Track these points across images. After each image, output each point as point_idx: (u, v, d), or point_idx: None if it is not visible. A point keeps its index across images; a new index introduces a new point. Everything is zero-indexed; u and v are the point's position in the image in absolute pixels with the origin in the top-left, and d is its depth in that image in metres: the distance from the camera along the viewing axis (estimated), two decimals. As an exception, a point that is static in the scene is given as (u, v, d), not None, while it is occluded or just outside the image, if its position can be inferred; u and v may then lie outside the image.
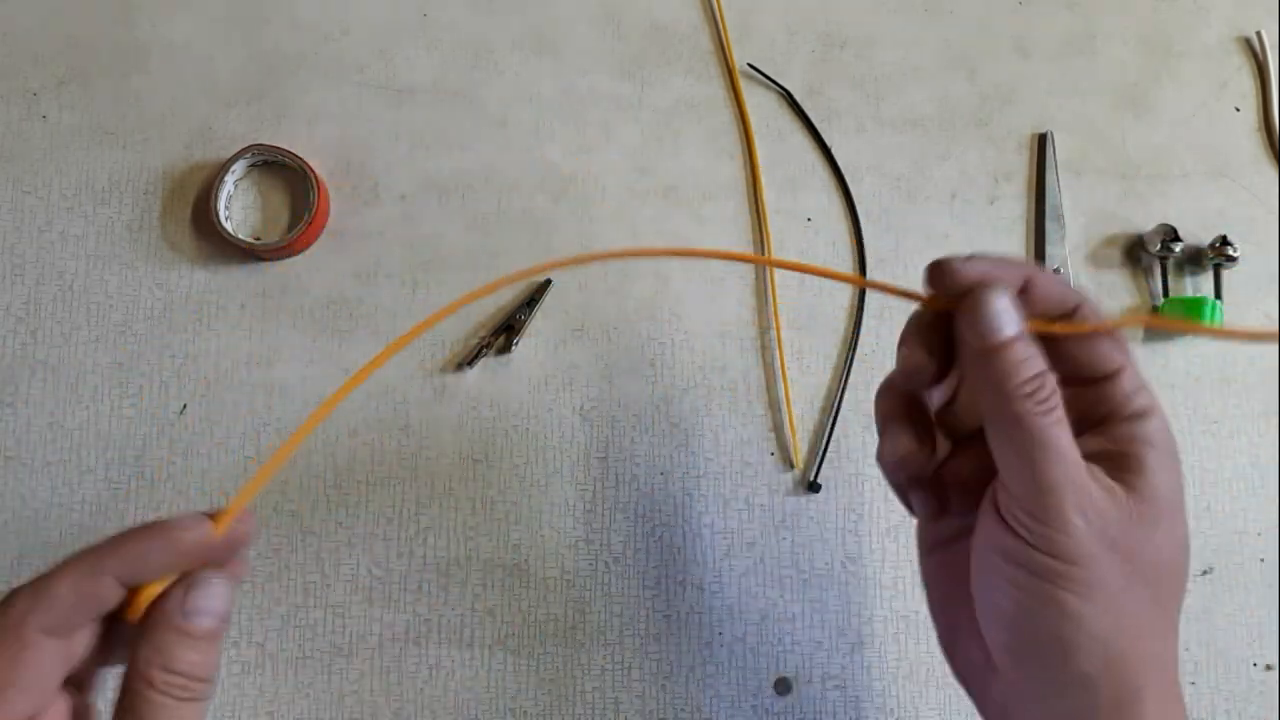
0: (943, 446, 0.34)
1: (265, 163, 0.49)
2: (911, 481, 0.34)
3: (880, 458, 0.33)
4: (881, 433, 0.33)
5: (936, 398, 0.34)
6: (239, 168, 0.48)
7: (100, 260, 0.48)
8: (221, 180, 0.47)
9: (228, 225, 0.47)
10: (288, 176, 0.49)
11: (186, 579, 0.28)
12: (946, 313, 0.31)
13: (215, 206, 0.47)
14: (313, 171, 0.48)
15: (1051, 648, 0.28)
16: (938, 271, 0.30)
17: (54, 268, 0.48)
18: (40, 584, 0.27)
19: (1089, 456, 0.29)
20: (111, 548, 0.27)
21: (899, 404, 0.33)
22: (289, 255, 0.48)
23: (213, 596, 0.28)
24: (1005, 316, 0.29)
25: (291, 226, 0.48)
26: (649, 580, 0.47)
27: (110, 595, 0.27)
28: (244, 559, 0.30)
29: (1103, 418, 0.30)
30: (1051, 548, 0.28)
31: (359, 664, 0.45)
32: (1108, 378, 0.31)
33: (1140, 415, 0.30)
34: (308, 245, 0.48)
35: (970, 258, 0.30)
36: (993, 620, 0.30)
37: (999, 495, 0.29)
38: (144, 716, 0.27)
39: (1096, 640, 0.28)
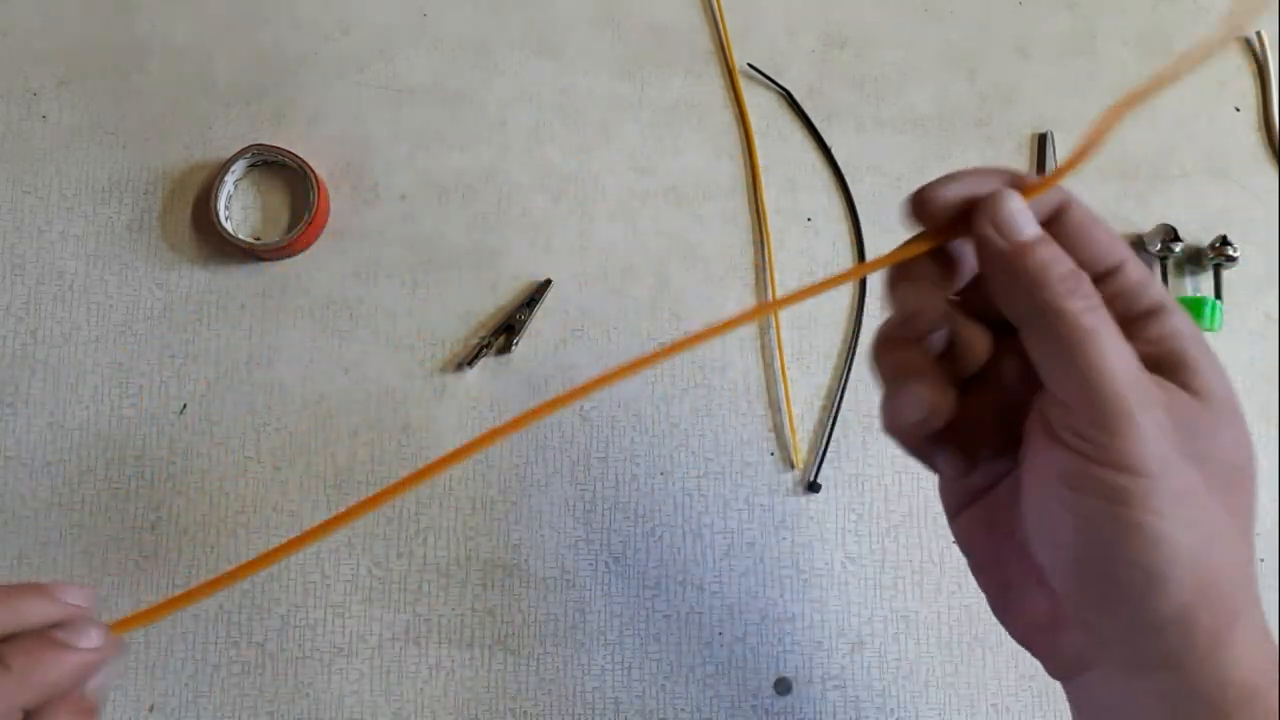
0: (951, 394, 0.30)
1: (265, 163, 0.49)
2: (932, 439, 0.30)
3: (895, 420, 0.29)
4: (891, 393, 0.29)
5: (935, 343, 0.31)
6: (239, 168, 0.48)
7: (100, 260, 0.48)
8: (221, 180, 0.47)
9: (228, 225, 0.47)
10: (288, 176, 0.49)
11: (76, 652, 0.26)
12: (936, 249, 0.29)
13: (215, 206, 0.47)
14: (313, 171, 0.48)
15: (1137, 582, 0.24)
16: (923, 201, 0.28)
17: (54, 268, 0.48)
18: None
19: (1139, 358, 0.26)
20: (18, 679, 0.25)
21: (905, 355, 0.30)
22: (289, 255, 0.48)
23: (112, 673, 0.28)
24: (1023, 216, 0.26)
25: (291, 226, 0.48)
26: (649, 580, 0.46)
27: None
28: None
29: (1123, 314, 0.27)
30: (1123, 460, 0.24)
31: (359, 664, 0.45)
32: (1112, 271, 0.28)
33: (1161, 309, 0.27)
34: (308, 245, 0.48)
35: (949, 177, 0.28)
36: (1061, 563, 0.26)
37: (1051, 414, 0.26)
38: None
39: (1186, 565, 0.24)
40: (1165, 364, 0.26)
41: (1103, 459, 0.24)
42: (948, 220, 0.28)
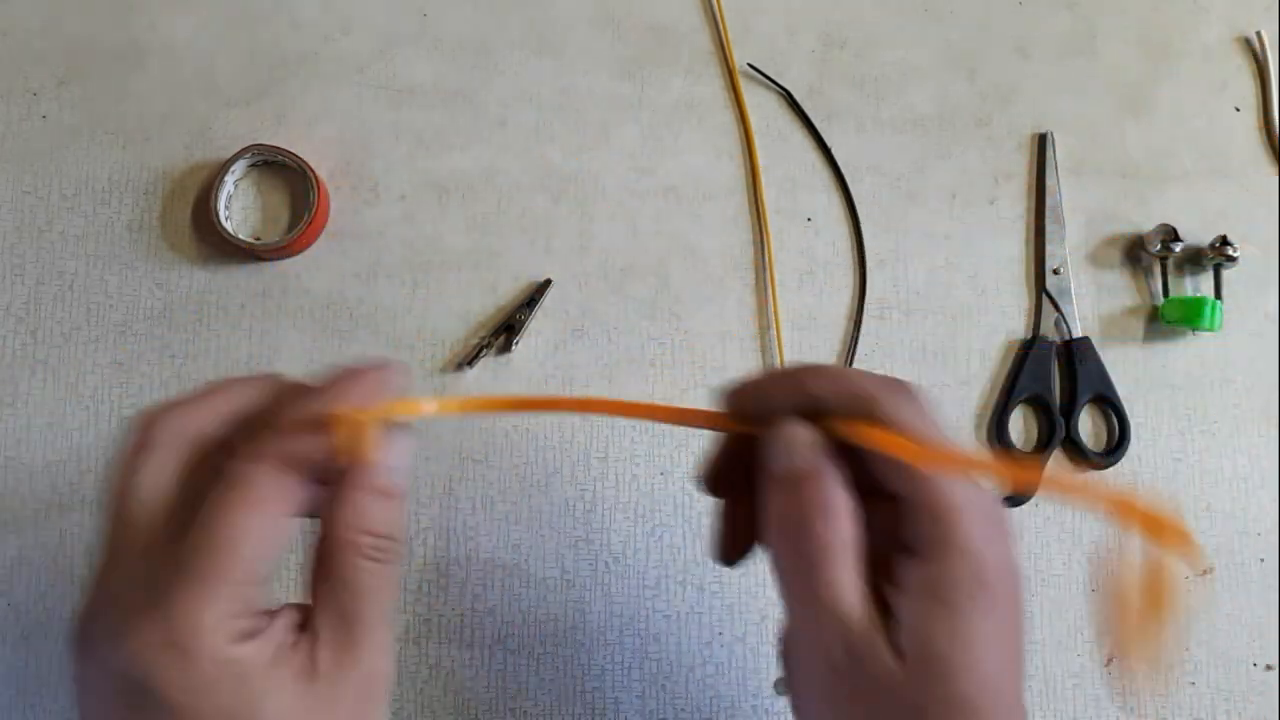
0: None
1: (265, 163, 0.49)
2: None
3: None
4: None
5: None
6: (239, 168, 0.48)
7: (100, 260, 0.48)
8: (221, 180, 0.47)
9: (228, 225, 0.47)
10: (288, 176, 0.49)
11: (378, 438, 0.27)
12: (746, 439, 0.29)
13: (215, 206, 0.47)
14: (312, 171, 0.48)
15: None
16: (731, 399, 0.29)
17: (54, 268, 0.48)
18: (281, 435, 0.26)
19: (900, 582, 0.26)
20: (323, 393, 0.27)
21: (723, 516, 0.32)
22: (289, 255, 0.48)
23: (404, 453, 0.28)
24: (796, 446, 0.27)
25: (291, 226, 0.48)
26: (649, 580, 0.47)
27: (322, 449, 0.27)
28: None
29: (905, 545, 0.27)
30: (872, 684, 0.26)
31: (359, 664, 0.45)
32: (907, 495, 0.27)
33: (939, 543, 0.26)
34: (308, 245, 0.48)
35: (749, 382, 0.29)
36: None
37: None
38: (350, 582, 0.26)
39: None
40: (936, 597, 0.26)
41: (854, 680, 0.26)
42: (753, 418, 0.29)
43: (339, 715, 0.25)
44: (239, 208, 0.49)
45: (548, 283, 0.48)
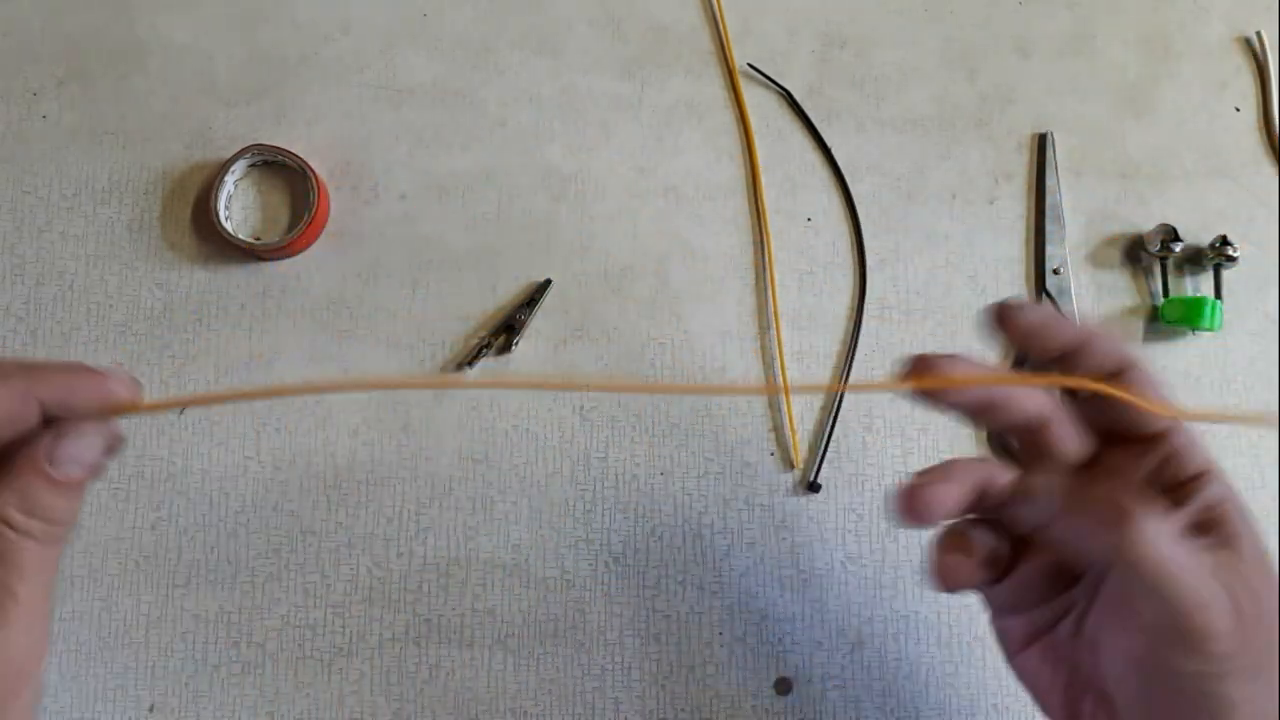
0: (1004, 545, 0.32)
1: (265, 163, 0.49)
2: (988, 582, 0.32)
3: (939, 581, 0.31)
4: (936, 561, 0.31)
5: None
6: (239, 168, 0.48)
7: (100, 260, 0.48)
8: (221, 180, 0.47)
9: (228, 225, 0.47)
10: (288, 176, 0.49)
11: (59, 426, 0.27)
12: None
13: (215, 206, 0.47)
14: (313, 171, 0.48)
15: None
16: (1009, 318, 0.30)
17: (54, 268, 0.48)
18: None
19: (1186, 530, 0.28)
20: (48, 375, 0.27)
21: (953, 561, 0.31)
22: (289, 255, 0.48)
23: (86, 447, 0.27)
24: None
25: (291, 226, 0.48)
26: (649, 580, 0.46)
27: (29, 418, 0.27)
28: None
29: (1172, 477, 0.30)
30: (1200, 652, 0.27)
31: (359, 664, 0.45)
32: (1162, 436, 0.30)
33: (1207, 474, 0.30)
34: (308, 245, 0.48)
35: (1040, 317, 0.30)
36: (1134, 705, 0.29)
37: (1123, 601, 0.28)
38: (4, 556, 0.27)
39: (1249, 712, 0.27)
40: (1212, 528, 0.29)
41: (1185, 649, 0.27)
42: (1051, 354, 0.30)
43: None
44: (239, 208, 0.49)
45: (548, 283, 0.48)
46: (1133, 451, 0.30)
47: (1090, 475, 0.30)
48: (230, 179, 0.48)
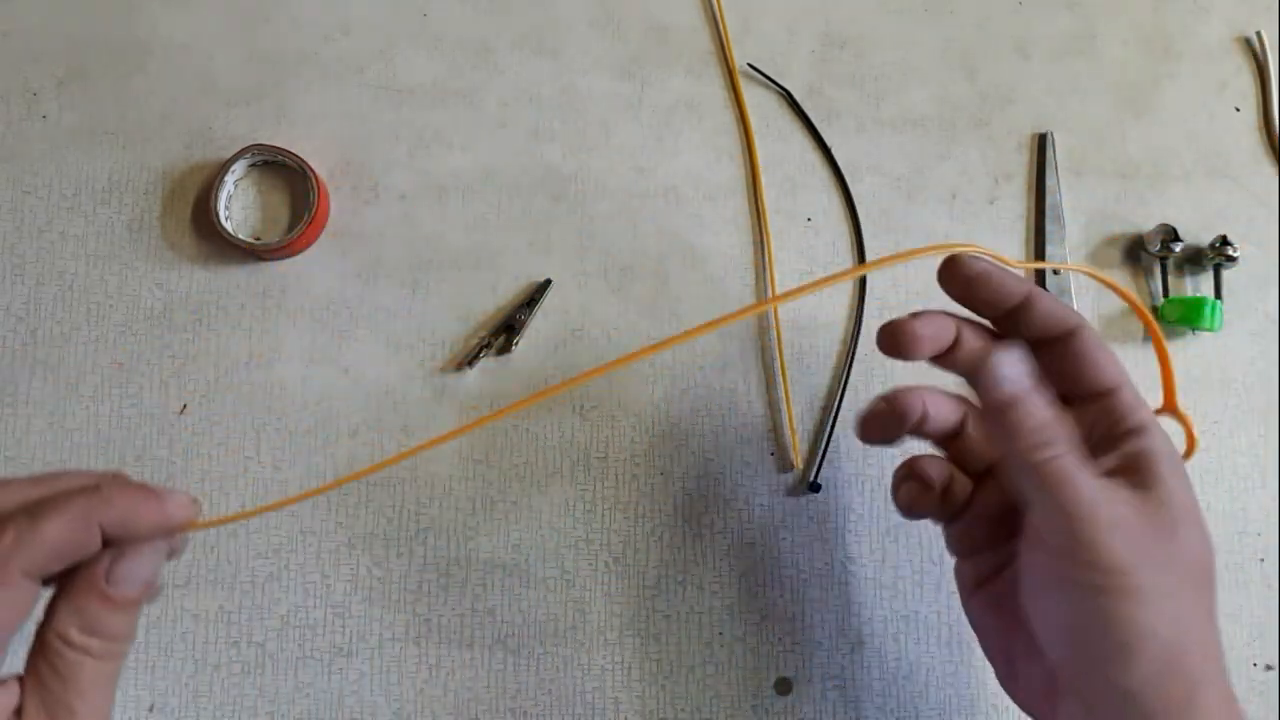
0: (964, 483, 0.37)
1: (265, 163, 0.49)
2: (946, 522, 0.38)
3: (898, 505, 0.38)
4: (895, 486, 0.38)
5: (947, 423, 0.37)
6: (239, 168, 0.48)
7: (100, 260, 0.48)
8: (221, 180, 0.47)
9: (228, 225, 0.47)
10: (288, 176, 0.49)
11: (118, 547, 0.28)
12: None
13: (215, 207, 0.47)
14: (313, 171, 0.48)
15: (1116, 655, 0.30)
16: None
17: (54, 268, 0.48)
18: (30, 524, 0.26)
19: (1108, 473, 0.31)
20: (107, 499, 0.27)
21: (912, 490, 0.37)
22: (289, 255, 0.48)
23: (142, 565, 0.28)
24: (1010, 373, 0.32)
25: (291, 226, 0.48)
26: (649, 580, 0.46)
27: (92, 545, 0.27)
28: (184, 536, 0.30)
29: (1109, 432, 0.33)
30: (1095, 567, 0.29)
31: (359, 664, 0.45)
32: (1108, 393, 0.33)
33: (1142, 429, 0.33)
34: (308, 245, 0.48)
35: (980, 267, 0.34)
36: (1054, 639, 0.32)
37: (1036, 525, 0.32)
38: (59, 671, 0.27)
39: (1157, 640, 0.29)
40: (1136, 476, 0.32)
41: (1081, 566, 0.30)
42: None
43: None
44: (239, 208, 0.49)
45: (548, 283, 0.48)
46: (1080, 408, 0.34)
47: None
48: (230, 179, 0.48)
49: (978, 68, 0.54)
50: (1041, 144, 0.53)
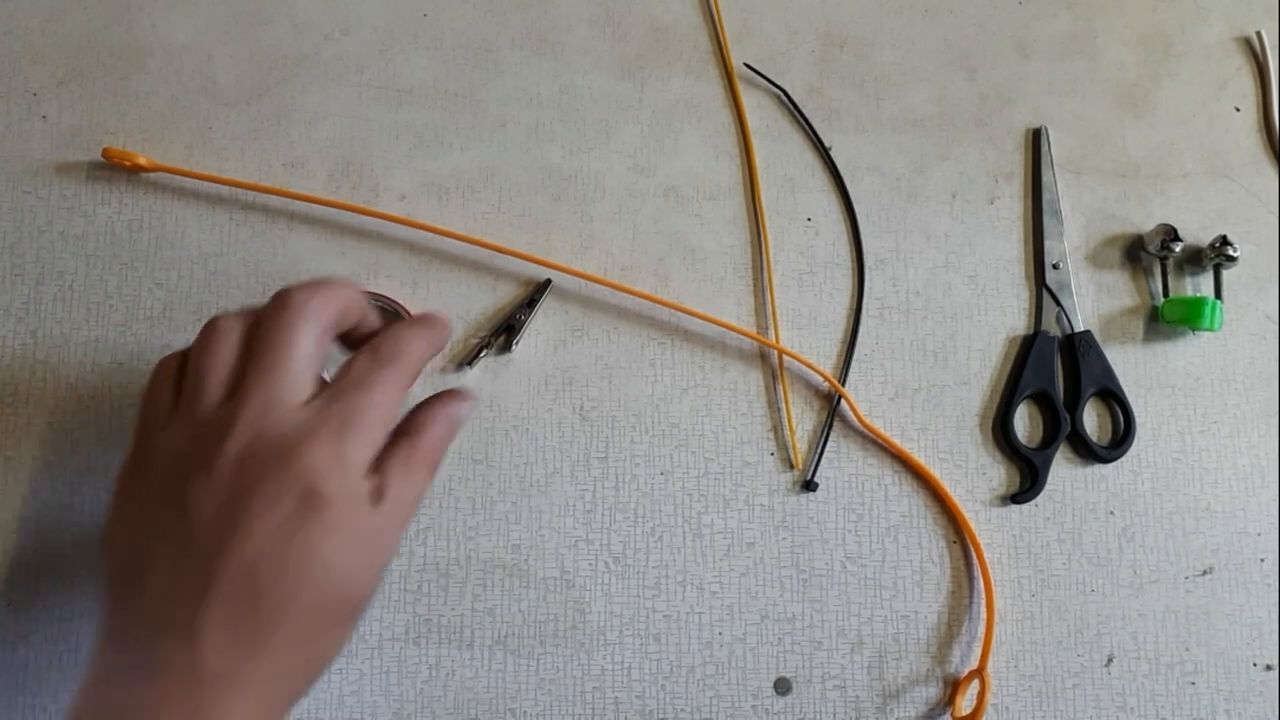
0: None
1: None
2: None
3: None
4: None
5: None
6: (239, 168, 0.48)
7: (100, 260, 0.48)
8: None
9: (228, 225, 0.47)
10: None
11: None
12: None
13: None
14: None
15: None
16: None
17: (54, 268, 0.48)
18: (348, 292, 0.38)
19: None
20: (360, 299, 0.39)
21: None
22: (289, 255, 0.48)
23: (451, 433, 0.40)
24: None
25: (291, 226, 0.48)
26: (649, 580, 0.46)
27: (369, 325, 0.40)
28: None
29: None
30: None
31: (359, 664, 0.45)
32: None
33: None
34: (308, 245, 0.48)
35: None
36: None
37: None
38: (430, 441, 0.38)
39: None
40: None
41: None
42: None
43: (385, 535, 0.36)
44: (239, 208, 0.49)
45: (548, 283, 0.48)
46: None
47: None
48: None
49: (977, 67, 0.54)
50: (1036, 138, 0.53)
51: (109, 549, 0.36)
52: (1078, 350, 0.50)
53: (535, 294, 0.48)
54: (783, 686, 0.46)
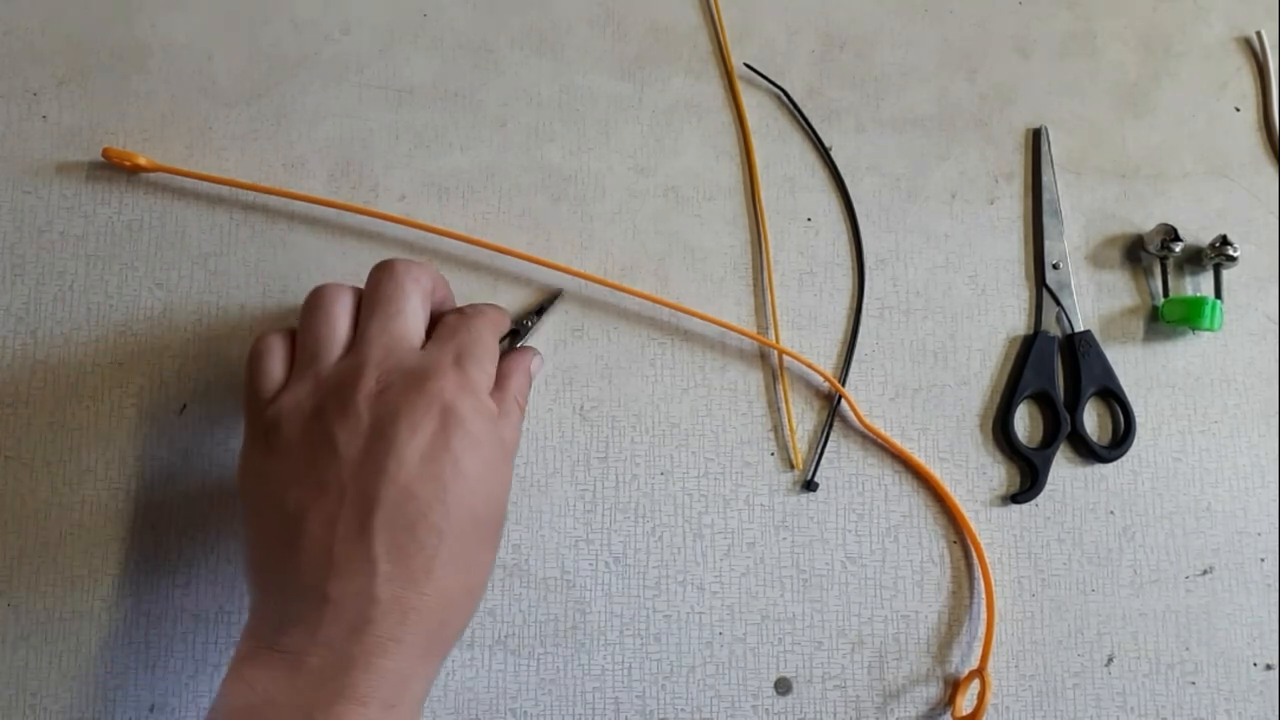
0: None
1: (265, 163, 0.49)
2: None
3: None
4: None
5: None
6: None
7: (100, 260, 0.48)
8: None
9: (228, 225, 0.47)
10: (288, 176, 0.49)
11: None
12: None
13: (215, 206, 0.47)
14: None
15: None
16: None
17: (54, 268, 0.48)
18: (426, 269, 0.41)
19: None
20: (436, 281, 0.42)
21: None
22: (289, 255, 0.48)
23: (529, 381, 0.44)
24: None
25: (291, 226, 0.48)
26: (649, 580, 0.47)
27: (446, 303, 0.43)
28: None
29: None
30: None
31: (359, 664, 0.45)
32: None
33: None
34: (308, 245, 0.48)
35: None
36: None
37: None
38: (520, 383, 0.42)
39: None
40: None
41: None
42: None
43: (510, 452, 0.39)
44: (239, 208, 0.49)
45: (559, 292, 0.48)
46: None
47: None
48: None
49: (977, 68, 0.54)
50: (1036, 138, 0.53)
51: (254, 523, 0.37)
52: (1078, 350, 0.50)
53: (545, 302, 0.48)
54: (783, 686, 0.46)
